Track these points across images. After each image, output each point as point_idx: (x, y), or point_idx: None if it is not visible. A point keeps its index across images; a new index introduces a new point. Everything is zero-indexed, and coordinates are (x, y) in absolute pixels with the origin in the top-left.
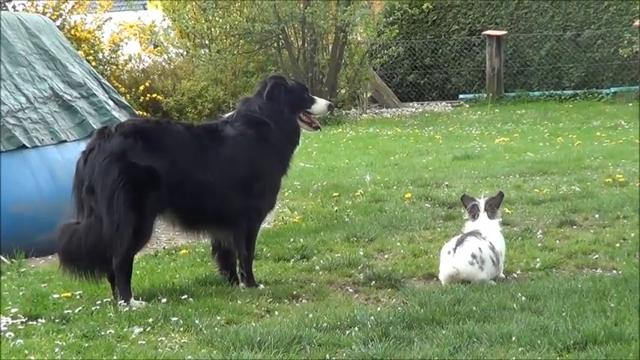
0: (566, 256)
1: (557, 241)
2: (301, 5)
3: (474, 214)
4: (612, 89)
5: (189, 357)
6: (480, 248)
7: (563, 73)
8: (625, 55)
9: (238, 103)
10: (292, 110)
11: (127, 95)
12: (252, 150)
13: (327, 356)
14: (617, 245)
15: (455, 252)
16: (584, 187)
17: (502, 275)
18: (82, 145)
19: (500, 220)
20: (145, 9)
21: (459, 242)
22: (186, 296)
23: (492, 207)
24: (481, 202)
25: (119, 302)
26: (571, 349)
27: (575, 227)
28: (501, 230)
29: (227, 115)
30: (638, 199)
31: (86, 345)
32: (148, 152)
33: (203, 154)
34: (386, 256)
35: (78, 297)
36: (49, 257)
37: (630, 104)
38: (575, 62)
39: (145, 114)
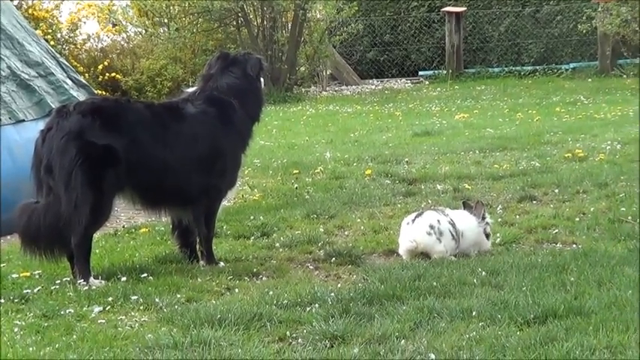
0: (526, 231)
1: (517, 216)
2: None
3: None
4: (571, 65)
5: (150, 335)
6: (438, 220)
7: (523, 49)
8: (584, 31)
9: (200, 80)
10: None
11: (86, 74)
12: (213, 128)
13: (288, 333)
14: (577, 220)
15: (413, 223)
16: (544, 162)
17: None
18: (41, 125)
19: (486, 222)
20: None
21: (419, 214)
22: (146, 275)
23: (478, 210)
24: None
25: (78, 281)
26: (531, 323)
27: (534, 202)
28: (481, 228)
29: (188, 90)
30: (597, 173)
31: (45, 324)
32: (106, 131)
33: (163, 133)
34: (346, 233)
35: (37, 277)
36: (9, 237)
37: (589, 80)
38: (534, 38)
39: (104, 93)
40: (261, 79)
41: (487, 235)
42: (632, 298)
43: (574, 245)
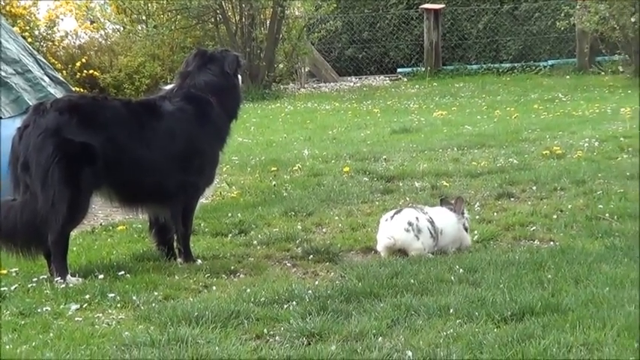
0: (504, 228)
1: (495, 214)
2: None
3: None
4: (550, 62)
5: (127, 333)
6: (417, 218)
7: (501, 46)
8: (562, 28)
9: (177, 77)
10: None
11: (64, 71)
12: (191, 126)
13: (265, 330)
14: (554, 217)
15: (392, 220)
16: (522, 159)
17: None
18: (18, 122)
19: (465, 217)
20: None
21: (397, 212)
22: (123, 272)
23: (458, 205)
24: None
25: (55, 279)
26: (508, 320)
27: (512, 199)
28: (460, 224)
29: (165, 87)
30: (575, 170)
31: (22, 322)
32: (83, 128)
33: (140, 130)
34: (324, 230)
35: (14, 274)
36: None
37: (567, 77)
38: (512, 35)
39: (81, 90)
40: (239, 77)
41: (466, 229)
42: (609, 295)
43: (551, 242)
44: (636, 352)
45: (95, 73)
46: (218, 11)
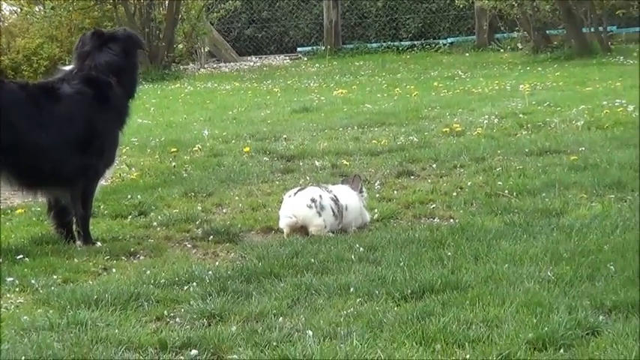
0: (404, 206)
1: (395, 192)
2: None
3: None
4: (449, 39)
5: (25, 317)
6: (320, 195)
7: (401, 24)
8: (461, 6)
9: (76, 58)
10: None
11: None
12: (90, 108)
13: (165, 312)
14: (454, 194)
15: (295, 196)
16: (422, 137)
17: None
18: None
19: (363, 195)
20: None
21: (301, 189)
22: (21, 256)
23: (355, 183)
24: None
25: None
26: (409, 298)
27: (412, 177)
28: (361, 202)
29: (64, 68)
30: (475, 147)
31: None
32: None
33: (38, 114)
34: (224, 211)
35: None
36: None
37: (467, 54)
38: (412, 13)
39: None
40: (138, 56)
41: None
42: (508, 271)
43: (451, 220)
44: (535, 328)
45: None
46: None
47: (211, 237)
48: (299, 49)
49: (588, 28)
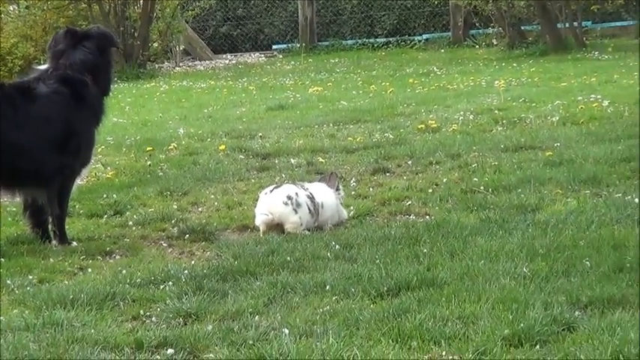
0: (380, 203)
1: (371, 189)
2: None
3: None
4: (424, 36)
5: (1, 318)
6: (296, 193)
7: (376, 21)
8: (436, 2)
9: (50, 57)
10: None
11: None
12: (67, 107)
13: (141, 312)
14: (430, 191)
15: (271, 193)
16: (398, 134)
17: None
18: None
19: (339, 193)
20: None
21: (277, 186)
22: None
23: (332, 181)
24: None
25: None
26: (384, 295)
27: (388, 174)
28: (338, 199)
29: (39, 68)
30: (450, 144)
31: None
32: None
33: (14, 114)
34: (200, 209)
35: None
36: None
37: (442, 50)
38: (387, 10)
39: None
40: (112, 54)
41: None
42: (484, 268)
43: (427, 216)
44: (510, 324)
45: None
46: None
47: (187, 236)
48: (274, 46)
49: (563, 23)
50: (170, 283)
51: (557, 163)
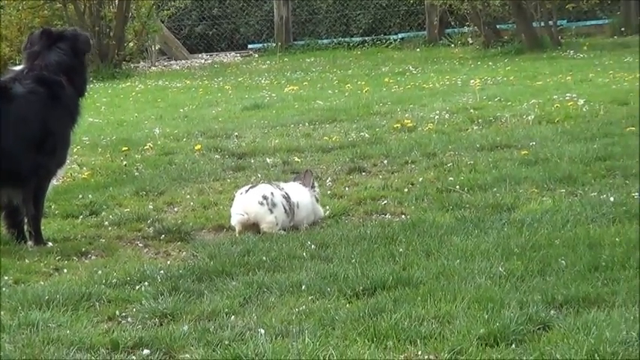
0: (356, 202)
1: (347, 188)
2: None
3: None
4: (400, 35)
5: None
6: (272, 193)
7: (351, 20)
8: (411, 1)
9: (26, 57)
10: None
11: None
12: (43, 108)
13: (117, 312)
14: (406, 190)
15: (246, 193)
16: (373, 133)
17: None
18: None
19: (315, 191)
20: None
21: (253, 186)
22: None
23: (307, 179)
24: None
25: None
26: (360, 295)
27: (364, 174)
28: (313, 197)
29: (14, 68)
30: (426, 143)
31: None
32: None
33: None
34: (176, 209)
35: None
36: None
37: (418, 49)
38: (362, 9)
39: None
40: (87, 55)
41: (317, 201)
42: (459, 267)
43: (403, 216)
44: (486, 324)
45: None
46: None
47: (163, 236)
48: (250, 46)
49: (538, 22)
50: (146, 283)
51: (533, 162)
